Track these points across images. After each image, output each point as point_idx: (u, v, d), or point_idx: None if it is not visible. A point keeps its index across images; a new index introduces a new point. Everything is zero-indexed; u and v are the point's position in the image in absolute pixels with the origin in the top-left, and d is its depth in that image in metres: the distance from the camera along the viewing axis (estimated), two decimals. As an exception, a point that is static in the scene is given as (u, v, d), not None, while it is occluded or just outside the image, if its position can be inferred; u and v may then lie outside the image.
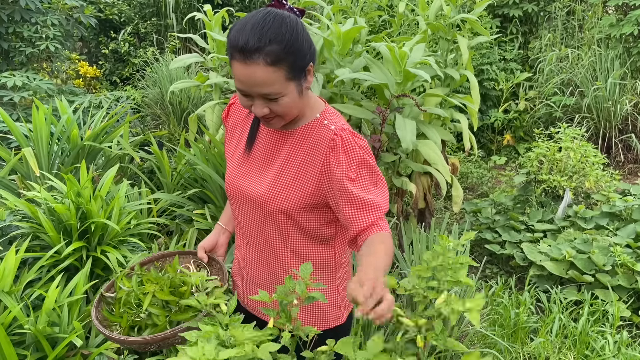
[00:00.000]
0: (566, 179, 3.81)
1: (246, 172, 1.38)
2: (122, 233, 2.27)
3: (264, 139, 1.37)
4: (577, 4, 6.11)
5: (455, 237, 2.29)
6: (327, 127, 1.31)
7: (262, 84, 1.15)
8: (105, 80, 7.09)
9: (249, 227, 1.41)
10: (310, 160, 1.30)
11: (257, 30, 1.13)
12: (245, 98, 1.21)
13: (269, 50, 1.12)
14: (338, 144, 1.27)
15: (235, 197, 1.41)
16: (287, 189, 1.30)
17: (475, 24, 2.94)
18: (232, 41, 1.15)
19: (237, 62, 1.14)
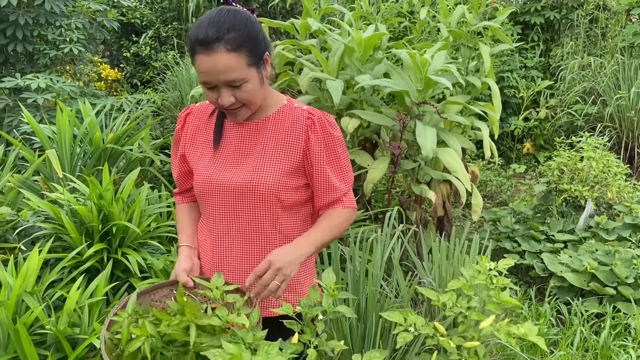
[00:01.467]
0: (588, 189, 3.75)
1: (224, 168, 1.41)
2: (143, 236, 2.29)
3: (235, 134, 1.43)
4: (600, 12, 6.03)
5: (475, 247, 2.27)
6: (300, 109, 1.42)
7: (226, 71, 1.24)
8: (126, 83, 7.18)
9: (234, 220, 1.41)
10: (291, 140, 1.39)
11: (214, 23, 1.23)
12: (211, 92, 1.29)
13: (228, 37, 1.22)
14: (315, 122, 1.40)
15: (215, 193, 1.41)
16: (275, 171, 1.37)
17: (498, 31, 2.92)
18: (192, 38, 1.24)
19: (200, 54, 1.23)
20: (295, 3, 7.01)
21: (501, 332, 1.06)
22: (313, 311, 1.10)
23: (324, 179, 1.41)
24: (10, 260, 1.97)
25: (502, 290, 1.20)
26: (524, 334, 1.04)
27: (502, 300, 1.14)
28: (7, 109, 4.40)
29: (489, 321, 1.08)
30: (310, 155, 1.39)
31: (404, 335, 1.07)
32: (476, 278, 1.13)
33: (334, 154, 1.42)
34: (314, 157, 1.39)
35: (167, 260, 2.24)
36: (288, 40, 3.27)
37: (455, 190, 3.21)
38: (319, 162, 1.39)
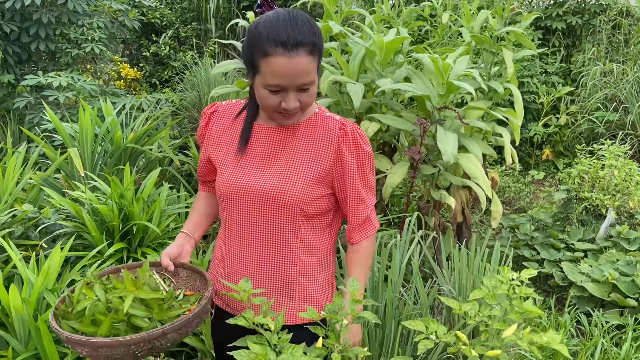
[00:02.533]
0: (609, 197, 3.69)
1: (248, 171, 1.40)
2: (162, 236, 2.30)
3: (263, 138, 1.41)
4: (623, 18, 5.95)
5: (497, 255, 2.25)
6: (332, 118, 1.42)
7: (304, 74, 1.24)
8: (145, 82, 7.24)
9: (255, 225, 1.40)
10: (323, 149, 1.38)
11: (293, 26, 1.22)
12: (276, 95, 1.26)
13: (308, 41, 1.22)
14: (348, 133, 1.39)
15: (238, 196, 1.39)
16: (302, 180, 1.36)
17: (522, 37, 2.89)
18: (270, 38, 1.21)
19: (279, 56, 1.21)
20: (314, 5, 7.02)
21: (524, 341, 1.05)
22: (338, 317, 1.10)
23: (356, 192, 1.41)
24: (32, 257, 1.98)
25: (525, 300, 1.19)
26: (546, 342, 1.03)
27: (526, 310, 1.13)
28: (28, 106, 4.46)
29: (512, 330, 1.08)
30: (343, 166, 1.38)
31: (425, 343, 1.07)
32: (498, 288, 1.12)
33: (364, 168, 1.41)
34: (347, 168, 1.38)
35: (186, 260, 2.24)
36: (309, 43, 3.28)
37: (474, 197, 3.18)
38: (351, 174, 1.39)
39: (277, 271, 1.43)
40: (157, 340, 1.17)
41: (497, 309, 1.09)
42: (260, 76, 1.25)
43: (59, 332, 1.17)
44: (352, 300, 1.11)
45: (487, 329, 1.07)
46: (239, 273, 1.44)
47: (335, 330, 1.09)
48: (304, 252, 1.44)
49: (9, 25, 4.37)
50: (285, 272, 1.43)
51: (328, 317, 1.08)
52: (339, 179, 1.40)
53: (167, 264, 1.43)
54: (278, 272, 1.43)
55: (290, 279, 1.43)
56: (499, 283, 1.11)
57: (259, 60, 1.23)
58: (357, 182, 1.40)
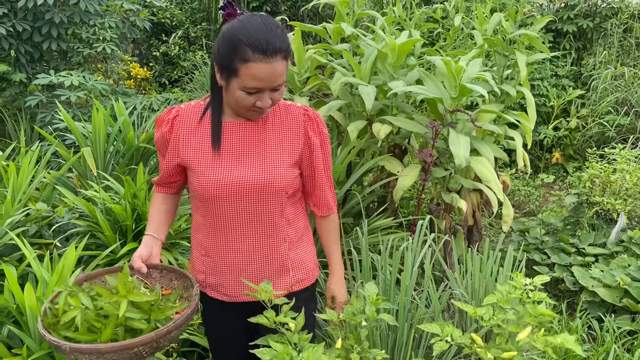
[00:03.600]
0: (620, 202, 3.67)
1: (231, 167, 1.47)
2: (174, 236, 2.31)
3: (236, 133, 1.48)
4: (635, 22, 5.92)
5: (510, 259, 2.24)
6: (294, 106, 1.55)
7: (279, 77, 1.34)
8: (155, 82, 7.27)
9: (244, 216, 1.48)
10: (294, 135, 1.51)
11: (270, 33, 1.30)
12: (250, 95, 1.35)
13: (284, 47, 1.31)
14: (312, 117, 1.53)
15: (227, 192, 1.46)
16: (284, 166, 1.48)
17: (536, 40, 2.88)
18: (251, 45, 1.28)
19: (258, 62, 1.29)
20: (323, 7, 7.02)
21: (538, 342, 1.06)
22: (357, 319, 1.10)
23: (322, 170, 1.57)
24: (46, 256, 1.99)
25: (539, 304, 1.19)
26: (561, 343, 1.04)
27: (540, 313, 1.14)
28: (40, 105, 4.49)
29: (526, 332, 1.09)
30: (311, 147, 1.53)
31: (441, 344, 1.09)
32: (512, 293, 1.13)
33: (326, 147, 1.57)
34: (314, 149, 1.53)
35: (198, 261, 2.25)
36: (320, 45, 3.27)
37: (485, 200, 3.17)
38: (317, 153, 1.54)
39: (270, 253, 1.54)
40: (162, 339, 1.21)
41: (511, 313, 1.10)
42: (238, 79, 1.33)
43: (58, 344, 1.16)
44: (371, 303, 1.12)
45: (501, 331, 1.08)
46: (232, 264, 1.53)
47: (354, 332, 1.10)
48: (289, 228, 1.57)
49: (22, 24, 4.40)
50: (278, 252, 1.54)
51: (347, 318, 1.09)
52: (307, 159, 1.54)
53: (139, 265, 1.46)
54: (271, 254, 1.54)
55: (283, 256, 1.56)
56: (513, 288, 1.12)
57: (237, 65, 1.31)
58: (321, 161, 1.56)
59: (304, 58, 3.25)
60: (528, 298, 1.12)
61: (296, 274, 1.59)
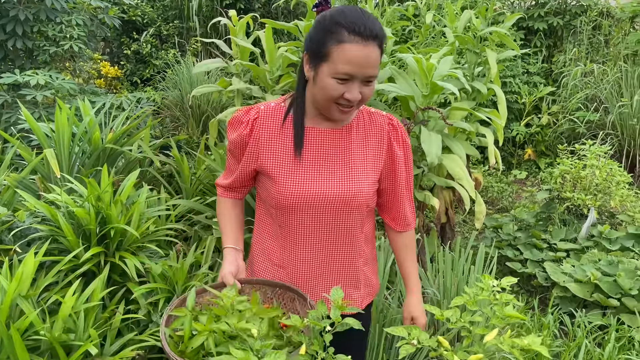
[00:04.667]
0: (590, 197, 3.72)
1: (314, 178, 1.38)
2: (141, 239, 2.24)
3: (319, 141, 1.40)
4: (604, 19, 6.01)
5: (481, 257, 2.24)
6: (379, 114, 1.47)
7: (373, 65, 1.26)
8: (126, 81, 7.13)
9: (324, 228, 1.41)
10: (378, 147, 1.44)
11: (367, 18, 1.25)
12: (341, 84, 1.27)
13: (380, 33, 1.26)
14: (396, 127, 1.46)
15: (309, 205, 1.38)
16: (368, 180, 1.41)
17: (506, 37, 2.88)
18: (346, 24, 1.23)
19: (354, 44, 1.23)
20: (297, 4, 6.97)
21: (505, 344, 1.04)
22: (321, 324, 1.07)
23: (404, 185, 1.49)
24: (5, 262, 1.92)
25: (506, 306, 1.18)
26: (527, 345, 1.03)
27: (507, 315, 1.13)
28: (5, 105, 4.35)
29: (493, 334, 1.07)
30: (394, 160, 1.46)
31: (407, 348, 1.07)
32: (480, 294, 1.12)
33: (409, 160, 1.49)
34: (397, 162, 1.46)
35: (166, 264, 2.19)
36: (293, 42, 3.23)
37: (458, 197, 3.17)
38: (400, 167, 1.47)
39: (346, 266, 1.48)
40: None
41: (478, 315, 1.08)
42: (330, 64, 1.25)
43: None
44: (336, 307, 1.09)
45: (469, 334, 1.06)
46: (307, 276, 1.46)
47: (319, 337, 1.07)
48: (365, 243, 1.51)
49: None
50: (354, 266, 1.49)
51: (311, 323, 1.05)
52: (388, 173, 1.47)
53: (231, 282, 1.38)
54: (347, 267, 1.48)
55: (357, 271, 1.50)
56: (481, 290, 1.11)
57: (331, 48, 1.24)
58: (405, 175, 1.49)
59: (275, 56, 3.21)
60: (496, 300, 1.11)
61: (366, 288, 1.55)
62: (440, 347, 1.08)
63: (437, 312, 1.12)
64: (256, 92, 3.31)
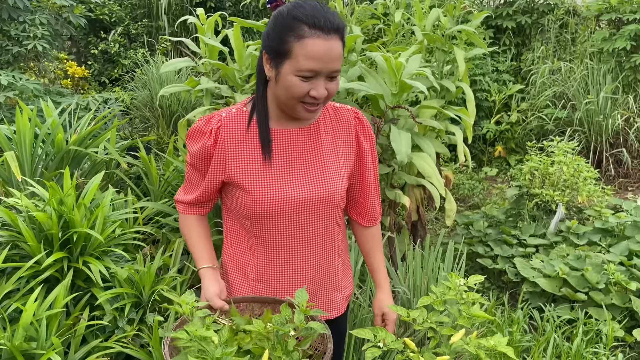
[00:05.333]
0: (559, 193, 3.78)
1: (283, 181, 1.33)
2: (106, 243, 2.19)
3: (288, 142, 1.36)
4: (570, 17, 6.12)
5: (450, 254, 2.24)
6: (344, 108, 1.44)
7: (337, 59, 1.23)
8: (94, 81, 6.99)
9: (305, 232, 1.37)
10: (348, 142, 1.42)
11: (328, 12, 1.22)
12: (306, 82, 1.23)
13: (340, 26, 1.23)
14: (362, 120, 1.44)
15: (287, 209, 1.33)
16: (341, 176, 1.39)
17: (473, 36, 2.90)
18: (306, 19, 1.20)
19: (315, 38, 1.20)
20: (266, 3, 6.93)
21: (471, 345, 1.04)
22: (285, 328, 1.05)
23: (373, 178, 1.47)
24: (-38, 270, 1.85)
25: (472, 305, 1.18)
26: (493, 346, 1.03)
27: (473, 315, 1.12)
28: (-35, 107, 4.21)
29: (459, 335, 1.07)
30: (362, 154, 1.43)
31: (373, 351, 1.05)
32: (446, 294, 1.11)
33: (374, 153, 1.46)
34: (365, 155, 1.43)
35: (132, 268, 2.14)
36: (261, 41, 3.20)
37: (429, 195, 3.18)
38: (368, 160, 1.44)
39: (328, 269, 1.45)
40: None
41: (444, 316, 1.07)
42: (292, 61, 1.21)
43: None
44: (300, 311, 1.07)
45: (435, 335, 1.06)
46: (289, 285, 1.40)
47: (282, 342, 1.04)
48: (341, 243, 1.48)
49: (-58, 20, 4.12)
50: (335, 268, 1.46)
51: (275, 329, 1.03)
52: (357, 167, 1.45)
53: (221, 304, 1.31)
54: (329, 270, 1.45)
55: (338, 273, 1.48)
56: (447, 289, 1.10)
57: (292, 44, 1.20)
58: (372, 169, 1.46)
59: (244, 55, 3.17)
60: (462, 299, 1.10)
61: (345, 290, 1.52)
62: (407, 349, 1.07)
63: (404, 313, 1.11)
64: (225, 92, 3.27)
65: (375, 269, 1.56)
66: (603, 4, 5.57)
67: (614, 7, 5.47)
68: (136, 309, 2.10)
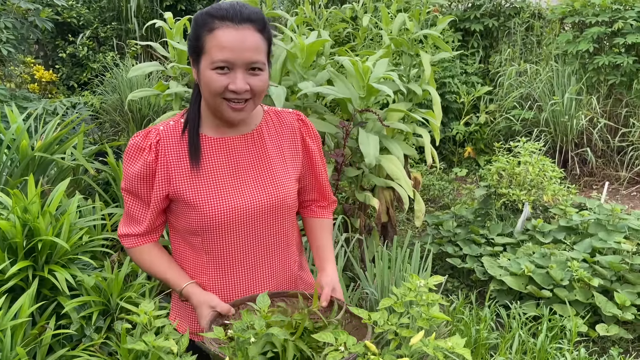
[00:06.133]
0: (525, 192, 3.87)
1: (231, 190, 1.29)
2: (72, 251, 2.16)
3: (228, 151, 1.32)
4: (535, 20, 6.27)
5: (417, 255, 2.28)
6: (286, 112, 1.43)
7: (252, 50, 1.20)
8: (62, 85, 6.88)
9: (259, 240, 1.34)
10: (294, 145, 1.41)
11: (241, 6, 1.20)
12: (223, 75, 1.19)
13: (257, 18, 1.21)
14: (305, 121, 1.43)
15: (239, 218, 1.29)
16: (292, 181, 1.38)
17: (438, 40, 2.96)
18: (214, 13, 1.19)
19: (224, 28, 1.18)
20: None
21: (429, 347, 1.06)
22: (245, 335, 1.06)
23: (322, 175, 1.48)
24: None
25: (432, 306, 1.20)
26: (451, 347, 1.05)
27: (432, 316, 1.15)
28: None
29: (419, 337, 1.09)
30: (310, 155, 1.44)
31: (334, 355, 1.07)
32: (407, 295, 1.13)
33: (321, 151, 1.47)
34: (313, 155, 1.44)
35: (99, 276, 2.13)
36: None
37: (398, 197, 3.23)
38: (316, 159, 1.45)
39: (286, 276, 1.42)
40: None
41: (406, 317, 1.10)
42: (206, 56, 1.20)
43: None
44: (262, 317, 1.08)
45: (395, 337, 1.08)
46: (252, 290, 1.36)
47: (243, 349, 1.06)
48: (296, 247, 1.46)
49: None
50: (292, 273, 1.44)
51: (235, 335, 1.04)
52: (308, 167, 1.45)
53: (228, 307, 1.27)
54: (287, 276, 1.42)
55: (296, 279, 1.46)
56: (408, 291, 1.12)
57: (204, 39, 1.20)
58: (321, 164, 1.47)
59: (212, 59, 3.17)
60: (422, 300, 1.13)
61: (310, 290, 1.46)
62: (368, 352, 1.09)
63: (365, 315, 1.13)
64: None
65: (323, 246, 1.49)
66: (567, 7, 5.72)
67: (577, 10, 5.62)
68: (104, 317, 2.09)
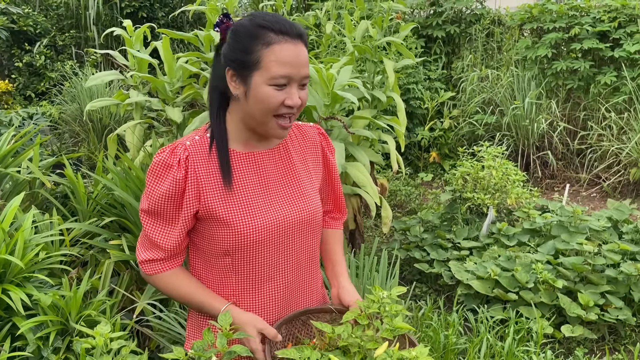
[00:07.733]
0: (489, 196, 3.92)
1: (266, 206, 1.25)
2: (28, 269, 2.07)
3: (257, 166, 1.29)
4: (495, 27, 6.40)
5: (385, 261, 2.27)
6: (307, 125, 1.43)
7: (306, 64, 1.20)
8: (19, 95, 6.66)
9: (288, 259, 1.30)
10: (315, 158, 1.41)
11: (287, 19, 1.20)
12: (280, 91, 1.18)
13: (304, 34, 1.22)
14: (324, 133, 1.45)
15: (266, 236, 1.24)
16: (316, 193, 1.37)
17: (401, 47, 2.97)
18: (272, 26, 1.17)
19: (285, 43, 1.17)
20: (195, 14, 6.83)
21: (394, 358, 1.05)
22: (206, 354, 1.03)
23: (339, 187, 1.49)
24: None
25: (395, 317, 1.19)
26: (414, 357, 1.04)
27: (396, 327, 1.14)
28: None
29: (383, 349, 1.08)
30: (329, 167, 1.45)
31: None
32: (371, 307, 1.12)
33: (336, 162, 1.48)
34: (332, 167, 1.46)
35: (57, 294, 2.04)
36: (192, 53, 3.14)
37: (365, 204, 3.22)
38: (334, 171, 1.46)
39: (312, 293, 1.40)
40: None
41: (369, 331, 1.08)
42: (263, 71, 1.16)
43: None
44: (223, 335, 1.04)
45: (359, 350, 1.06)
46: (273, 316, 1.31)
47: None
48: (318, 261, 1.44)
49: None
50: (317, 290, 1.42)
51: (196, 355, 1.00)
52: (327, 181, 1.46)
53: (275, 334, 1.21)
54: (313, 293, 1.40)
55: (319, 295, 1.44)
56: (371, 302, 1.11)
57: (260, 53, 1.16)
58: (338, 177, 1.48)
59: (174, 67, 3.11)
60: (385, 312, 1.11)
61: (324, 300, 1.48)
62: None
63: (329, 329, 1.11)
64: (156, 105, 3.19)
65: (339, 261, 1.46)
66: (525, 14, 5.86)
67: (536, 16, 5.77)
68: (62, 337, 2.00)
